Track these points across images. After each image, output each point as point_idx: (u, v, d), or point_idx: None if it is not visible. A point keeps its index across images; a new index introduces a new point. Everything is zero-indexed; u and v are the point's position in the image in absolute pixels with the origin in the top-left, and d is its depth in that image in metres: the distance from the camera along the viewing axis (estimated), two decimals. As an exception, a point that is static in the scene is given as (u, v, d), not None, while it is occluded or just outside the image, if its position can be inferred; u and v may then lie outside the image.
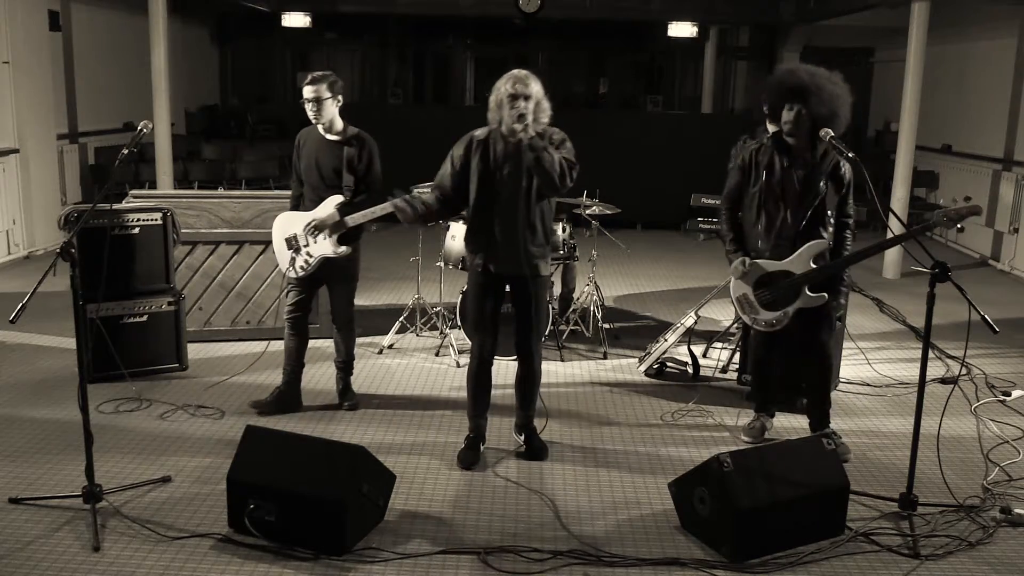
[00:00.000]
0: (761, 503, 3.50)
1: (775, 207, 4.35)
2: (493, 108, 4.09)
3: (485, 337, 4.34)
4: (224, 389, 5.24)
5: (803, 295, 4.33)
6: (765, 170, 4.36)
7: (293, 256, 4.79)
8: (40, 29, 8.83)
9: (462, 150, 4.20)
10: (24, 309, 3.42)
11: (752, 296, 4.45)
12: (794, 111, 4.24)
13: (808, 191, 4.30)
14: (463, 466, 4.32)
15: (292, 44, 15.76)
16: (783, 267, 4.35)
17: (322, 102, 4.75)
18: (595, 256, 6.44)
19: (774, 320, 4.43)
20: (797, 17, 12.30)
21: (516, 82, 4.02)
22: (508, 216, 4.11)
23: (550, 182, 4.01)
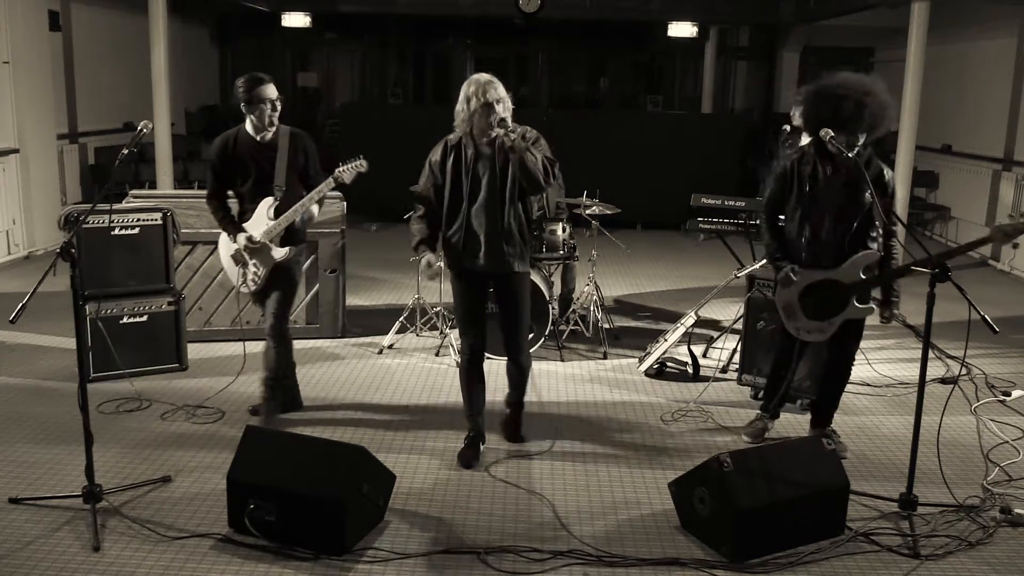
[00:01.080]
0: (761, 503, 3.50)
1: (819, 217, 4.26)
2: (464, 117, 4.10)
3: (472, 334, 4.39)
4: (223, 389, 5.24)
5: (850, 306, 4.26)
6: (809, 180, 4.27)
7: (243, 271, 4.58)
8: (40, 29, 8.83)
9: (439, 155, 4.24)
10: (24, 309, 3.42)
11: (797, 305, 4.37)
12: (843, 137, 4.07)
13: (852, 200, 4.21)
14: (463, 465, 4.33)
15: (292, 44, 15.77)
16: (831, 276, 4.27)
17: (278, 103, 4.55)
18: (595, 256, 6.44)
19: (817, 329, 4.35)
20: (797, 17, 12.30)
21: (486, 90, 4.04)
22: (484, 217, 4.16)
23: (534, 181, 4.06)
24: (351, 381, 5.47)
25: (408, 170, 7.22)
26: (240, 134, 4.58)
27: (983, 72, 10.17)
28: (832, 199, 4.24)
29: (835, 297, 4.27)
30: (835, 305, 4.28)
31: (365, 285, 7.87)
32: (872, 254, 4.24)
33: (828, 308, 4.30)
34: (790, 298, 4.38)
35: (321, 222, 6.17)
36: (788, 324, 4.43)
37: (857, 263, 4.24)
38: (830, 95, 4.14)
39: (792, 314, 4.40)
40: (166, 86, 8.92)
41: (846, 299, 4.26)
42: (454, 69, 16.42)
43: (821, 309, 4.31)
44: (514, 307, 4.34)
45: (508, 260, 4.21)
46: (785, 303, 4.41)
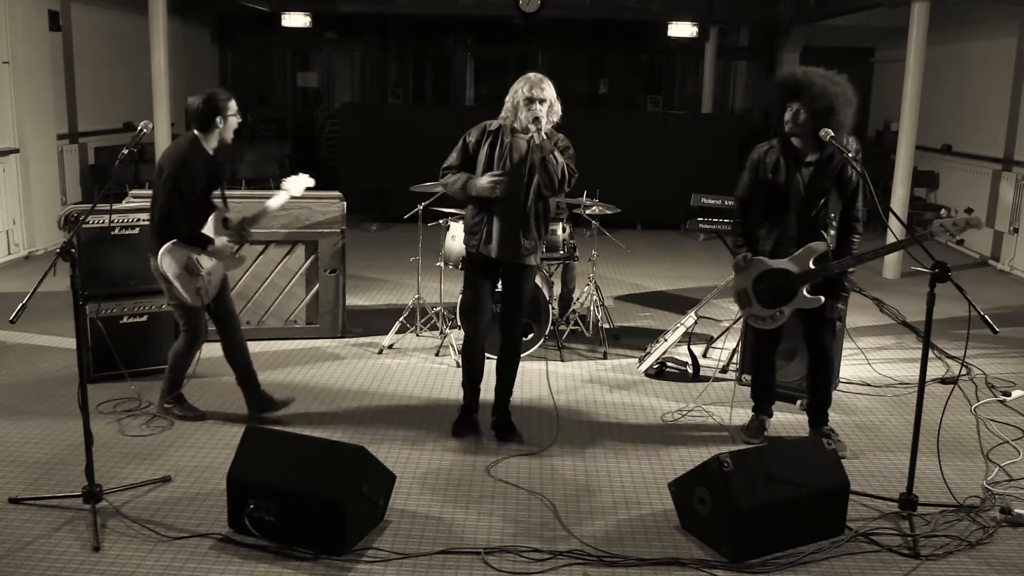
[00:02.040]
0: (761, 503, 3.50)
1: (780, 208, 4.36)
2: (509, 108, 4.33)
3: (477, 318, 4.56)
4: (223, 389, 5.24)
5: (799, 296, 4.34)
6: (771, 171, 4.37)
7: (199, 285, 4.48)
8: (40, 29, 8.82)
9: (475, 136, 4.43)
10: (24, 309, 3.42)
11: (751, 291, 4.48)
12: (792, 110, 4.25)
13: (812, 193, 4.30)
14: (454, 434, 4.61)
15: (292, 44, 15.75)
16: (782, 266, 4.36)
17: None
18: (595, 256, 6.44)
19: (769, 316, 4.45)
20: (797, 17, 12.30)
21: (533, 86, 4.27)
22: (507, 207, 4.33)
23: (550, 183, 4.26)
24: (351, 381, 5.47)
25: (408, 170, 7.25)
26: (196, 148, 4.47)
27: (983, 72, 10.17)
28: (791, 191, 4.32)
29: (786, 286, 4.35)
30: (785, 294, 4.36)
31: (365, 285, 7.87)
32: (821, 245, 4.30)
33: (779, 297, 4.38)
34: (743, 285, 4.50)
35: (321, 222, 6.19)
36: (742, 311, 4.57)
37: (807, 253, 4.31)
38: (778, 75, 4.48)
39: (745, 301, 4.51)
40: (166, 86, 8.91)
41: (796, 288, 4.33)
42: (454, 69, 16.40)
43: (773, 297, 4.40)
44: (514, 299, 4.52)
45: (523, 252, 4.40)
46: (739, 290, 4.53)
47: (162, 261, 4.42)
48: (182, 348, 4.73)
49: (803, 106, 4.21)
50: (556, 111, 4.32)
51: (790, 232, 4.35)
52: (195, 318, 4.66)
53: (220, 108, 4.45)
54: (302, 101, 16.21)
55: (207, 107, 4.44)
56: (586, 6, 11.90)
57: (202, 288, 4.50)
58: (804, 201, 4.32)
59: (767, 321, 4.48)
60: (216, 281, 4.59)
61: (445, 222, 6.18)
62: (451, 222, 6.12)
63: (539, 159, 4.21)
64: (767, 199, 4.40)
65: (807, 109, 4.20)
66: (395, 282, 8.00)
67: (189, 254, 4.45)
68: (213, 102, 4.44)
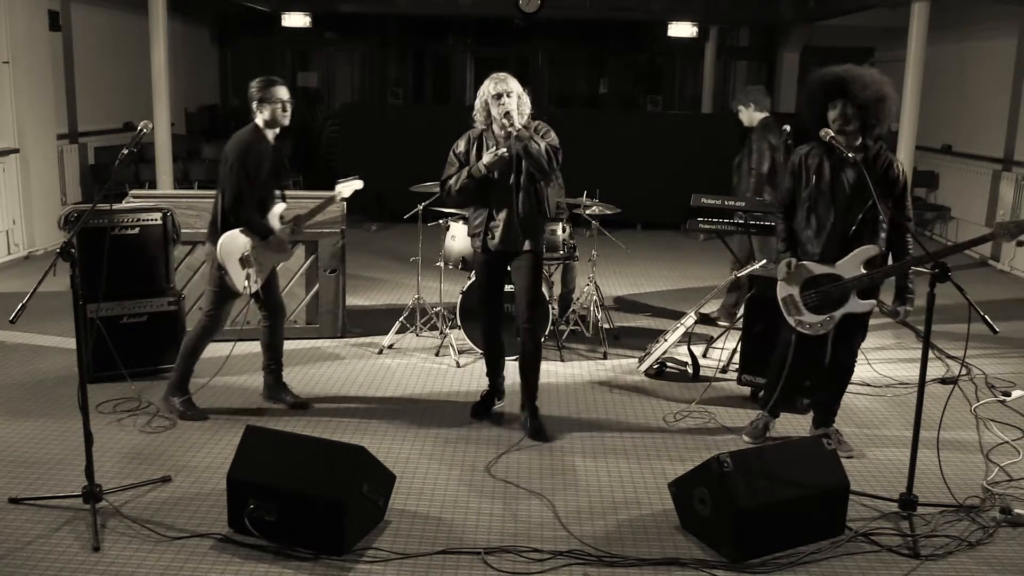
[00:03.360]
0: (761, 503, 3.50)
1: (825, 211, 4.25)
2: (480, 110, 4.53)
3: (489, 314, 4.80)
4: (223, 390, 5.24)
5: (851, 300, 4.24)
6: (815, 174, 4.27)
7: (249, 272, 4.67)
8: (40, 29, 8.82)
9: (463, 146, 4.60)
10: (24, 309, 3.42)
11: (798, 298, 4.36)
12: (838, 107, 4.11)
13: (858, 194, 4.18)
14: (472, 416, 4.85)
15: (292, 44, 15.76)
16: (831, 270, 4.26)
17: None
18: (595, 256, 6.44)
19: (819, 323, 4.33)
20: (797, 17, 12.30)
21: (497, 83, 4.48)
22: (502, 202, 4.52)
23: (539, 167, 4.41)
24: (351, 381, 5.48)
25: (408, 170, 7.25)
26: (258, 136, 4.62)
27: (983, 72, 10.17)
28: (836, 193, 4.23)
29: (836, 291, 4.26)
30: (835, 299, 4.27)
31: (365, 285, 7.87)
32: (872, 249, 4.21)
33: (829, 302, 4.29)
34: (790, 291, 4.39)
35: (321, 222, 6.17)
36: (789, 318, 4.42)
37: (858, 257, 4.22)
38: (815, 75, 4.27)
39: (793, 308, 4.40)
40: (166, 86, 8.92)
41: (847, 293, 4.25)
42: (454, 69, 16.41)
43: (822, 303, 4.31)
44: (522, 286, 4.61)
45: (520, 240, 4.55)
46: (785, 296, 4.41)
47: (221, 248, 4.59)
48: (198, 333, 4.83)
49: (851, 100, 4.07)
50: (525, 102, 4.48)
51: (837, 236, 4.23)
52: (224, 307, 4.80)
53: (251, 96, 4.61)
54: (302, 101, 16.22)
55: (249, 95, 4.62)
56: (586, 6, 11.90)
57: (251, 278, 4.69)
58: (850, 203, 4.20)
59: (816, 327, 4.36)
60: (266, 272, 4.80)
61: (445, 222, 6.18)
62: (451, 222, 6.12)
63: (521, 148, 4.35)
64: (812, 202, 4.29)
65: (856, 103, 4.06)
66: (395, 282, 8.01)
67: (247, 245, 4.63)
68: (250, 90, 4.62)
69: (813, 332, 4.39)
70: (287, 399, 5.01)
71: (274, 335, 4.99)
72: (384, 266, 8.52)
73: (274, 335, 4.99)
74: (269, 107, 4.58)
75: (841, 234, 4.24)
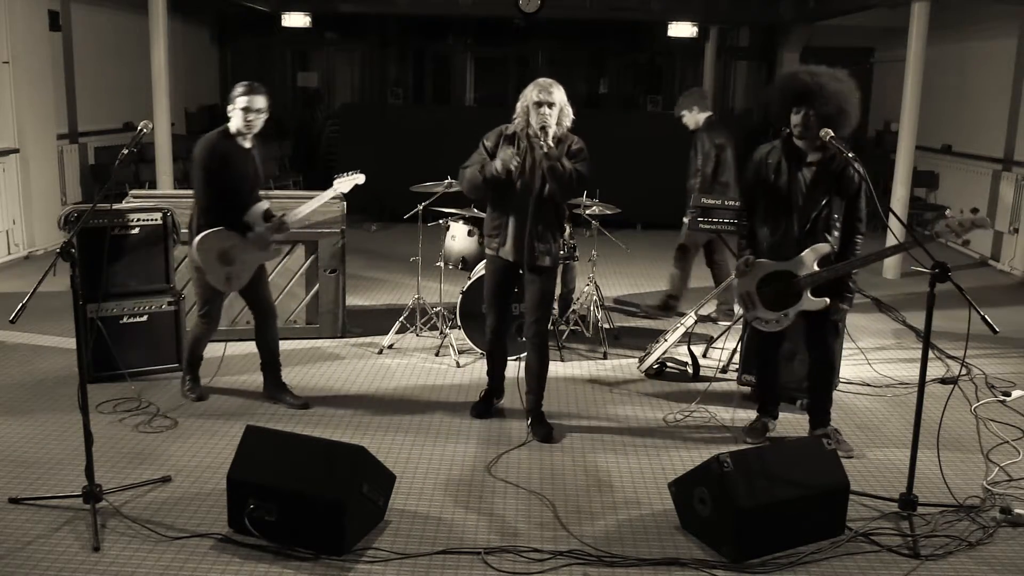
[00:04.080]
0: (761, 503, 3.50)
1: (781, 209, 4.33)
2: (520, 111, 4.42)
3: (494, 316, 4.74)
4: (223, 390, 5.24)
5: (804, 298, 4.32)
6: (773, 172, 4.34)
7: (229, 271, 4.71)
8: (40, 29, 8.82)
9: (492, 141, 4.52)
10: (24, 309, 3.42)
11: (755, 294, 4.46)
12: (801, 114, 4.21)
13: (813, 194, 4.27)
14: (474, 415, 4.81)
15: (292, 44, 15.74)
16: (786, 267, 4.34)
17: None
18: (595, 256, 6.44)
19: (774, 319, 4.43)
20: (797, 17, 12.30)
21: (542, 90, 4.36)
22: (521, 211, 4.44)
23: (559, 189, 4.37)
24: (351, 381, 5.48)
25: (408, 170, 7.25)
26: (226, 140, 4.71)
27: (983, 72, 10.17)
28: (793, 192, 4.31)
29: (790, 288, 4.32)
30: (790, 296, 4.34)
31: (365, 285, 7.87)
32: (824, 247, 4.28)
33: (783, 299, 4.36)
34: (748, 287, 4.49)
35: (321, 222, 6.19)
36: (747, 314, 4.55)
37: (811, 255, 4.29)
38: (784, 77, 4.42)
39: (751, 304, 4.50)
40: (166, 86, 8.91)
41: (800, 291, 4.31)
42: (454, 69, 16.40)
43: (777, 299, 4.38)
44: (535, 299, 4.58)
45: (539, 255, 4.49)
46: (743, 292, 4.51)
47: (195, 248, 4.66)
48: (198, 333, 4.97)
49: (814, 110, 4.15)
50: (567, 115, 4.42)
51: (792, 234, 4.33)
52: (214, 304, 4.87)
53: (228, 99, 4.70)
54: (302, 101, 16.21)
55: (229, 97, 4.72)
56: (586, 6, 11.89)
57: (232, 276, 4.72)
58: (806, 202, 4.29)
59: (772, 324, 4.46)
60: (248, 270, 4.80)
61: (445, 222, 6.18)
62: (451, 222, 6.12)
63: (547, 167, 4.30)
64: (769, 201, 4.38)
65: (818, 113, 4.15)
66: (395, 282, 8.00)
67: (225, 243, 4.67)
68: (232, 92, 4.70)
69: (770, 329, 4.49)
70: (286, 399, 5.02)
71: (264, 335, 4.99)
72: (384, 266, 8.52)
73: (264, 335, 4.99)
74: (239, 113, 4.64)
75: (797, 232, 4.32)
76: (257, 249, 4.80)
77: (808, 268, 4.30)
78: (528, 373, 4.68)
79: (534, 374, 4.66)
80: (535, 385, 4.67)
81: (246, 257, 4.77)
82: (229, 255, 4.70)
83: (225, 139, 4.69)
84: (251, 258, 4.80)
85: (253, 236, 4.75)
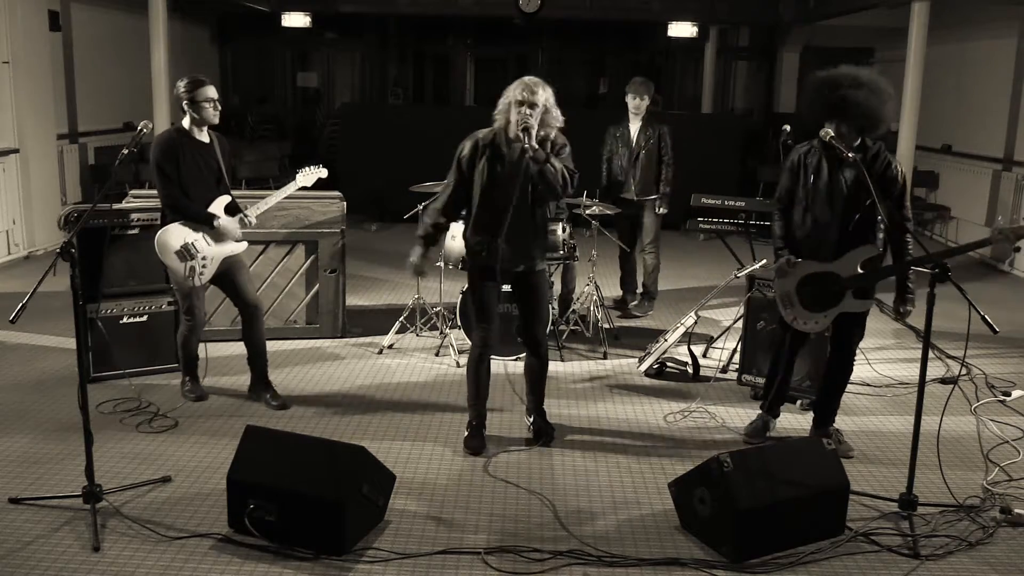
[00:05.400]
0: (761, 503, 3.50)
1: (822, 210, 4.27)
2: (501, 111, 4.22)
3: (487, 328, 4.49)
4: (223, 390, 5.24)
5: (847, 300, 4.25)
6: (813, 172, 4.28)
7: (192, 265, 4.73)
8: (40, 29, 8.82)
9: (468, 152, 4.30)
10: (24, 309, 3.42)
11: (794, 295, 4.38)
12: (835, 125, 4.14)
13: (856, 194, 4.19)
14: (471, 452, 4.45)
15: (292, 44, 15.76)
16: (829, 269, 4.27)
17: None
18: (595, 256, 6.44)
19: (814, 321, 4.35)
20: (797, 17, 12.30)
21: (525, 89, 4.12)
22: (511, 217, 4.23)
23: (552, 191, 4.22)
24: (351, 381, 5.48)
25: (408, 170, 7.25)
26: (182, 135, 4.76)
27: (983, 72, 10.17)
28: (834, 192, 4.24)
29: (832, 289, 4.27)
30: (831, 297, 4.29)
31: (365, 285, 7.87)
32: (871, 249, 4.22)
33: (824, 300, 4.31)
34: (787, 288, 4.40)
35: (321, 222, 6.19)
36: (785, 313, 4.44)
37: (856, 256, 4.23)
38: (818, 84, 4.23)
39: (789, 303, 4.41)
40: (166, 86, 8.91)
41: (842, 292, 4.26)
42: (454, 69, 16.41)
43: (817, 300, 4.32)
44: (535, 302, 4.49)
45: (533, 259, 4.38)
46: (783, 293, 4.43)
47: (156, 244, 4.69)
48: (184, 334, 4.96)
49: (847, 123, 4.10)
50: (556, 117, 4.19)
51: (832, 234, 4.25)
52: (192, 302, 4.86)
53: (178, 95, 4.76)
54: (302, 101, 16.22)
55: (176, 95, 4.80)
56: (586, 6, 11.89)
57: (196, 269, 4.72)
58: (847, 203, 4.21)
59: (811, 324, 4.37)
60: (213, 264, 4.79)
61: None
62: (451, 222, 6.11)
63: (536, 171, 4.13)
64: (809, 200, 4.30)
65: (852, 125, 4.11)
66: (395, 282, 8.01)
67: (185, 237, 4.69)
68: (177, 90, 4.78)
69: (808, 329, 4.41)
70: (266, 398, 5.01)
71: (250, 331, 4.99)
72: (384, 266, 8.52)
73: (250, 331, 4.99)
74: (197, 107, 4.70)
75: (838, 233, 4.25)
76: (221, 242, 4.80)
77: (852, 270, 4.22)
78: (529, 374, 4.65)
79: (535, 375, 4.63)
80: (536, 385, 4.65)
81: (209, 251, 4.77)
82: (190, 250, 4.71)
83: (180, 135, 4.74)
84: (214, 251, 4.79)
85: (217, 229, 4.76)
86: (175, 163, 4.64)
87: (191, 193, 4.71)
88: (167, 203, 4.71)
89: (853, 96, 4.08)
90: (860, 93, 4.08)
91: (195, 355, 5.06)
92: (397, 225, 9.09)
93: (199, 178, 4.74)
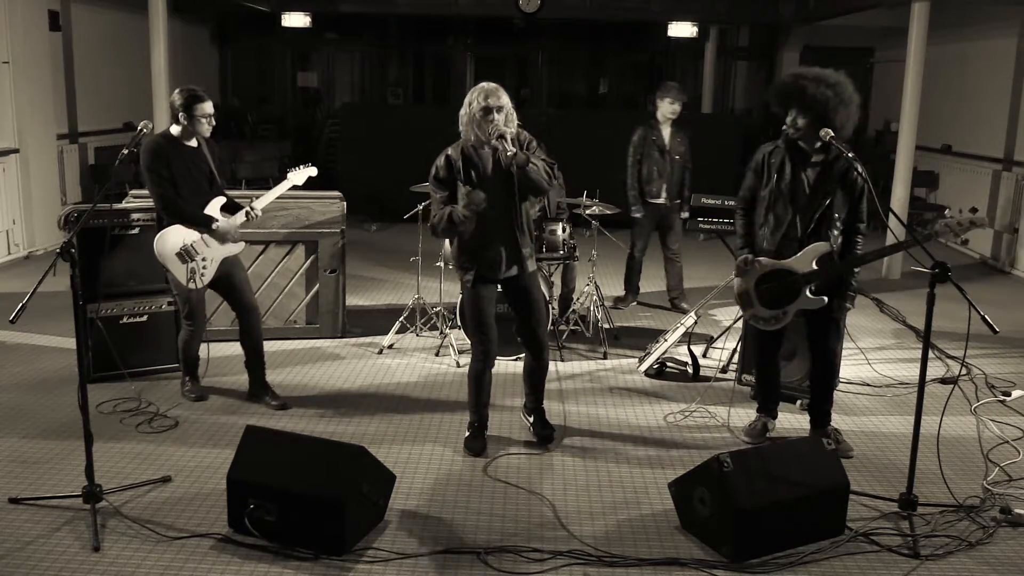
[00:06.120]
0: (761, 503, 3.50)
1: (783, 209, 4.33)
2: (466, 123, 4.21)
3: (488, 340, 4.45)
4: (223, 390, 5.24)
5: (803, 296, 4.32)
6: (776, 172, 4.35)
7: (193, 267, 4.75)
8: (40, 29, 8.83)
9: (444, 172, 4.28)
10: (24, 309, 3.42)
11: (753, 292, 4.45)
12: (791, 115, 4.25)
13: (816, 194, 4.27)
14: (473, 453, 4.44)
15: (292, 44, 15.76)
16: (785, 266, 4.34)
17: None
18: (595, 256, 6.44)
19: (772, 317, 4.43)
20: (797, 17, 12.30)
21: (488, 95, 4.15)
22: (499, 224, 4.26)
23: (540, 189, 4.24)
24: (351, 381, 5.48)
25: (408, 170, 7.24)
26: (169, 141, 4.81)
27: (983, 72, 10.17)
28: (796, 192, 4.31)
29: (789, 286, 4.32)
30: (789, 294, 4.34)
31: (365, 285, 7.87)
32: (824, 245, 4.28)
33: (782, 297, 4.36)
34: (746, 286, 4.47)
35: (321, 222, 6.19)
36: (744, 313, 4.54)
37: (810, 254, 4.29)
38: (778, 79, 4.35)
39: (748, 302, 4.49)
40: (166, 86, 8.90)
41: (799, 289, 4.30)
42: (454, 69, 16.40)
43: (775, 298, 4.38)
44: (532, 305, 4.46)
45: (523, 260, 4.36)
46: (741, 291, 4.50)
47: (155, 249, 4.72)
48: (185, 337, 4.98)
49: (800, 113, 4.20)
50: (513, 118, 4.21)
51: (795, 233, 4.32)
52: (193, 305, 4.88)
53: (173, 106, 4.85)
54: (302, 101, 16.21)
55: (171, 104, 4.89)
56: (586, 6, 11.89)
57: (196, 272, 4.74)
58: (808, 201, 4.29)
59: (770, 322, 4.46)
60: (212, 266, 4.81)
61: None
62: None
63: (521, 174, 4.14)
64: (771, 199, 4.37)
65: (805, 116, 4.19)
66: (395, 282, 8.01)
67: (184, 240, 4.71)
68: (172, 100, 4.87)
69: (767, 326, 4.48)
70: (266, 399, 5.02)
71: (246, 334, 5.00)
72: (384, 266, 8.52)
73: (246, 334, 5.00)
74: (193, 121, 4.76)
75: (799, 231, 4.32)
76: (218, 244, 4.82)
77: (807, 266, 4.30)
78: (529, 374, 4.65)
79: (536, 375, 4.63)
80: (536, 386, 4.65)
81: (207, 252, 4.79)
82: (190, 251, 4.73)
83: (167, 141, 4.77)
84: (213, 253, 4.82)
85: (213, 231, 4.78)
86: (166, 168, 4.67)
87: (185, 198, 4.73)
88: (163, 206, 4.71)
89: (804, 87, 4.17)
90: (819, 87, 4.15)
91: (196, 357, 5.07)
92: (397, 225, 9.09)
93: (191, 182, 4.76)
